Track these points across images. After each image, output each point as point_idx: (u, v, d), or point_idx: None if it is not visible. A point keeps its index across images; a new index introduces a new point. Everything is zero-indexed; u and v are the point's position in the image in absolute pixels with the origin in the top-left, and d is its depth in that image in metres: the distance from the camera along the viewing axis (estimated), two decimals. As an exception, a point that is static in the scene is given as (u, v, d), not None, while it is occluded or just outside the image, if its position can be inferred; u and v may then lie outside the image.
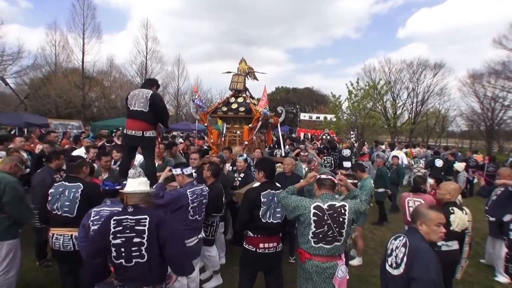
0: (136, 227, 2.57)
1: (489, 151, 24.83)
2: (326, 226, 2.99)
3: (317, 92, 51.83)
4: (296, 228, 3.33)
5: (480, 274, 5.40)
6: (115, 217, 2.61)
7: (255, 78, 8.06)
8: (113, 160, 5.79)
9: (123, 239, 2.54)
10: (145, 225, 2.57)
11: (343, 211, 3.03)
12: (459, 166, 9.07)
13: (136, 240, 2.55)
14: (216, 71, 71.42)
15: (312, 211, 3.01)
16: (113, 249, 2.54)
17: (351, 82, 13.86)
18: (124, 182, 3.22)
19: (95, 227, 2.95)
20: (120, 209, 2.78)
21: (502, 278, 5.17)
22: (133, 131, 4.49)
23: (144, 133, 4.53)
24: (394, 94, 33.72)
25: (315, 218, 3.00)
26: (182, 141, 11.11)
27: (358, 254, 5.57)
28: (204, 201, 3.88)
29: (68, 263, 3.58)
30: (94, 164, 5.18)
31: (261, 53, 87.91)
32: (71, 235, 3.39)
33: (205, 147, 9.30)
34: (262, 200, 3.49)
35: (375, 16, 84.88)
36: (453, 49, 68.75)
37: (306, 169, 6.41)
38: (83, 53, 26.33)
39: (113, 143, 8.24)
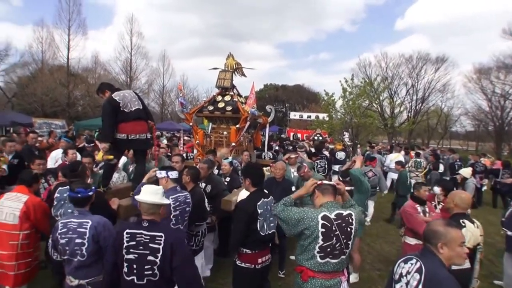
0: (150, 244, 2.46)
1: (499, 154, 23.51)
2: (334, 238, 2.71)
3: (308, 89, 50.95)
4: (297, 242, 2.94)
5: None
6: (128, 230, 2.52)
7: (243, 74, 7.60)
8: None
9: (136, 255, 2.46)
10: (160, 244, 2.46)
11: (350, 220, 2.79)
12: (466, 171, 8.34)
13: (150, 258, 2.45)
14: (203, 68, 70.24)
15: (320, 222, 2.70)
16: (125, 264, 2.47)
17: (346, 79, 13.42)
18: (93, 187, 3.20)
19: (64, 241, 2.87)
20: (135, 223, 2.68)
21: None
22: (138, 135, 4.08)
23: (147, 134, 4.22)
24: (391, 91, 32.18)
25: (323, 230, 2.70)
26: (166, 142, 10.60)
27: (354, 270, 5.11)
28: (187, 209, 3.63)
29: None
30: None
31: (250, 49, 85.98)
32: None
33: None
34: (259, 211, 3.26)
35: (372, 6, 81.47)
36: (457, 41, 65.72)
37: (295, 173, 5.97)
38: (68, 49, 26.12)
39: (93, 144, 7.83)
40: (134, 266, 2.45)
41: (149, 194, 2.60)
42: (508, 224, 4.75)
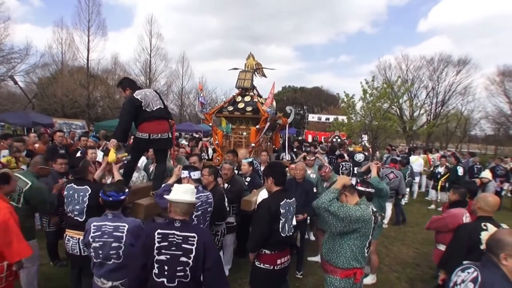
0: (183, 245, 2.41)
1: None
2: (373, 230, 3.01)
3: (327, 91, 50.97)
4: (340, 248, 2.97)
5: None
6: (159, 231, 2.45)
7: (263, 75, 7.56)
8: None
9: (168, 256, 2.40)
10: (193, 244, 2.41)
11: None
12: (486, 174, 8.27)
13: (182, 259, 2.39)
14: (222, 70, 70.54)
15: (372, 218, 2.88)
16: (156, 265, 2.40)
17: (366, 81, 13.28)
18: (127, 190, 3.19)
19: (97, 244, 2.87)
20: (166, 223, 2.57)
21: None
22: (160, 134, 4.05)
23: (169, 134, 4.18)
24: (411, 94, 31.55)
25: (374, 225, 2.95)
26: (186, 143, 10.71)
27: (372, 272, 5.07)
28: (209, 209, 3.62)
29: (76, 266, 3.68)
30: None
31: (269, 51, 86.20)
32: (79, 239, 3.40)
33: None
34: (281, 211, 3.21)
35: (394, 7, 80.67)
36: (481, 43, 64.12)
37: (313, 175, 5.96)
38: (88, 50, 26.13)
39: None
40: (166, 267, 2.38)
41: (184, 193, 2.54)
42: None
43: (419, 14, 77.08)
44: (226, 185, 4.78)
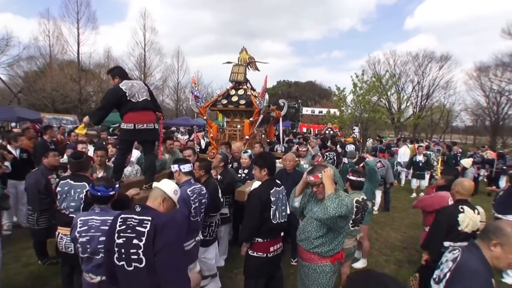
0: (137, 228, 2.37)
1: (493, 147, 23.85)
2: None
3: (320, 86, 51.71)
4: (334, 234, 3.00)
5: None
6: (122, 215, 2.46)
7: (256, 68, 7.66)
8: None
9: (124, 239, 2.37)
10: (146, 227, 2.36)
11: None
12: (466, 162, 8.74)
13: (134, 241, 2.34)
14: (217, 65, 69.98)
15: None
16: (116, 249, 2.37)
17: (356, 74, 13.57)
18: (117, 186, 3.09)
19: (84, 239, 2.77)
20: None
21: (511, 280, 4.91)
22: (145, 125, 4.05)
23: (155, 125, 4.21)
24: (398, 88, 33.08)
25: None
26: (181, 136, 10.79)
27: (363, 256, 5.33)
28: (203, 200, 3.66)
29: (69, 264, 3.60)
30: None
31: (264, 46, 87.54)
32: None
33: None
34: (272, 200, 3.32)
35: (383, 6, 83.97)
36: (462, 41, 67.68)
37: (306, 165, 6.13)
38: (78, 44, 25.38)
39: (116, 137, 7.96)
40: (122, 250, 2.35)
41: (164, 182, 2.64)
42: (498, 207, 5.11)
43: (406, 12, 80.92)
44: (218, 176, 4.85)
